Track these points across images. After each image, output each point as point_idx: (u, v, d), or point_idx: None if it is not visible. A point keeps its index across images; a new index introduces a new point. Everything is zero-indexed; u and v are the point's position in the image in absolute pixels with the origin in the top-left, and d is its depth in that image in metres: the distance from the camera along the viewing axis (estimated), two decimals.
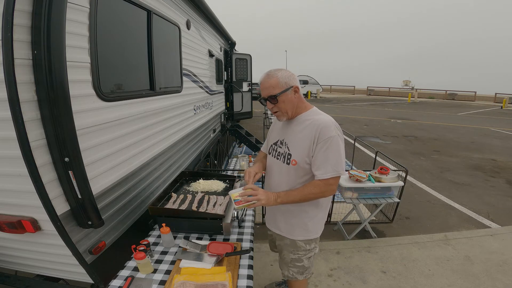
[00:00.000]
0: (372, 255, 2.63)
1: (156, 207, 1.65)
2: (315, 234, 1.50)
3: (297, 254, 1.53)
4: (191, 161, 3.14)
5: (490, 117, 13.66)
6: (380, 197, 2.84)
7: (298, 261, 1.55)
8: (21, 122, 1.03)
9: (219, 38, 5.09)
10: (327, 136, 1.27)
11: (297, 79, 1.35)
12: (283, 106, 1.33)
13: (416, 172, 5.21)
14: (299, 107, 1.38)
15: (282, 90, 1.29)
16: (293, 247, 1.52)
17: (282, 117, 1.38)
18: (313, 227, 1.48)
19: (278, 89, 1.30)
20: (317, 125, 1.30)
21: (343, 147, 1.30)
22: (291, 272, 1.58)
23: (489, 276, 2.34)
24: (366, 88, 31.01)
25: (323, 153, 1.28)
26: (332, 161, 1.27)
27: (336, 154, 1.28)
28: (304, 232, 1.48)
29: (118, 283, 1.25)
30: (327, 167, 1.28)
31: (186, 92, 2.96)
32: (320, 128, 1.28)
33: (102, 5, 1.43)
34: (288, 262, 1.57)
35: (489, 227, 3.29)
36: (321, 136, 1.27)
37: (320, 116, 1.35)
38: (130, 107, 1.74)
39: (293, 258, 1.54)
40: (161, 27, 2.24)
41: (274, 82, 1.29)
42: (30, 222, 1.24)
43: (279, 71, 1.31)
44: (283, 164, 1.42)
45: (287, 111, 1.35)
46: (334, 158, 1.27)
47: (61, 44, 1.10)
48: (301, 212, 1.44)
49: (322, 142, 1.27)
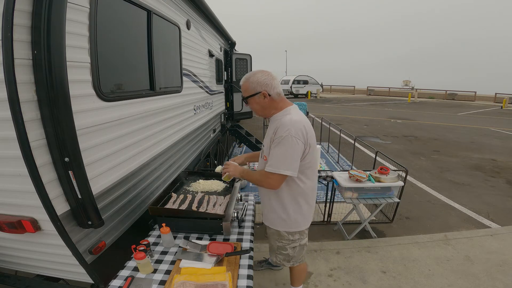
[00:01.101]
0: (372, 255, 2.63)
1: (156, 207, 1.65)
2: (296, 228, 1.62)
3: (281, 242, 1.67)
4: (191, 161, 3.14)
5: (490, 117, 13.66)
6: (380, 197, 2.84)
7: (283, 249, 1.69)
8: (21, 122, 1.03)
9: (219, 38, 5.09)
10: (278, 135, 1.38)
11: (272, 84, 1.44)
12: (253, 107, 1.51)
13: (416, 172, 5.21)
14: (272, 108, 1.49)
15: (250, 94, 1.45)
16: (278, 235, 1.67)
17: (258, 115, 1.58)
18: (293, 221, 1.60)
19: (247, 93, 1.47)
20: (276, 126, 1.42)
21: (293, 148, 1.37)
22: (278, 258, 1.74)
23: (489, 276, 2.34)
24: (366, 88, 31.00)
25: (272, 150, 1.42)
26: (275, 159, 1.39)
27: (280, 154, 1.38)
28: (283, 223, 1.61)
29: (118, 283, 1.25)
30: (271, 163, 1.41)
31: (186, 92, 2.96)
32: (277, 128, 1.40)
33: (102, 5, 1.43)
34: (275, 249, 1.73)
35: (489, 227, 3.29)
36: (276, 135, 1.40)
37: (285, 117, 1.44)
38: (130, 107, 1.74)
39: (279, 245, 1.69)
40: (161, 27, 2.24)
41: (245, 86, 1.46)
42: (30, 222, 1.24)
43: (254, 76, 1.44)
44: (261, 159, 1.64)
45: (257, 111, 1.53)
46: (278, 156, 1.39)
47: (61, 44, 1.10)
48: (280, 207, 1.58)
49: (275, 141, 1.40)
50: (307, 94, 23.96)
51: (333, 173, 2.99)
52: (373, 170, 2.99)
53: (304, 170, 1.48)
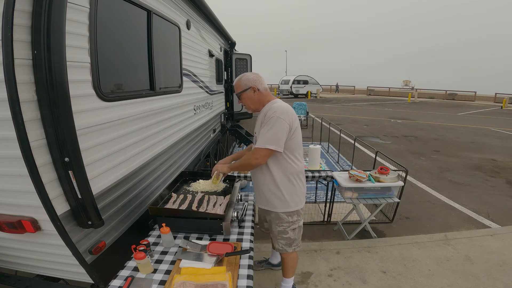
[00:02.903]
0: (372, 255, 2.63)
1: (156, 207, 1.65)
2: (295, 207, 1.74)
3: (281, 226, 1.77)
4: (191, 161, 3.14)
5: (490, 117, 13.66)
6: (380, 197, 2.84)
7: (284, 233, 1.78)
8: (21, 122, 1.03)
9: (219, 38, 5.09)
10: (269, 117, 1.55)
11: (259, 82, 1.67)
12: (245, 101, 1.71)
13: (416, 172, 5.21)
14: (261, 101, 1.69)
15: (242, 90, 1.67)
16: (278, 219, 1.76)
17: (248, 109, 1.74)
18: (291, 200, 1.72)
19: (239, 89, 1.68)
20: (265, 111, 1.63)
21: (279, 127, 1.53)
22: (280, 244, 1.82)
23: (489, 276, 2.34)
24: (366, 88, 31.00)
25: (261, 129, 1.59)
26: (262, 137, 1.55)
27: (267, 132, 1.54)
28: (282, 204, 1.72)
29: (118, 283, 1.25)
30: (259, 140, 1.57)
31: (186, 92, 2.96)
32: (265, 113, 1.61)
33: (102, 5, 1.43)
34: (276, 234, 1.80)
35: (489, 227, 3.29)
36: (266, 117, 1.58)
37: (273, 104, 1.64)
38: (130, 107, 1.74)
39: (279, 230, 1.78)
40: (161, 27, 2.24)
41: (237, 84, 1.69)
42: (30, 222, 1.24)
43: (244, 75, 1.68)
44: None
45: (249, 106, 1.71)
46: (265, 135, 1.54)
47: (61, 44, 1.10)
48: (277, 189, 1.70)
49: (265, 121, 1.57)
50: (307, 94, 23.97)
51: (333, 173, 2.98)
52: (373, 170, 2.99)
53: (293, 151, 1.66)
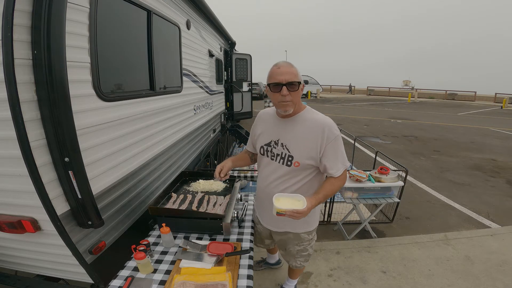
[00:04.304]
0: (372, 255, 2.63)
1: (156, 207, 1.65)
2: (314, 225, 1.62)
3: (302, 245, 1.65)
4: (191, 161, 3.13)
5: (490, 117, 13.65)
6: (380, 197, 2.84)
7: (303, 251, 1.68)
8: (21, 122, 1.03)
9: (219, 38, 5.08)
10: (334, 135, 1.33)
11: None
12: (296, 96, 1.31)
13: (416, 172, 5.21)
14: (299, 103, 1.38)
15: (299, 81, 1.29)
16: (297, 239, 1.62)
17: (290, 107, 1.32)
18: (312, 220, 1.59)
19: (297, 78, 1.28)
20: (322, 125, 1.33)
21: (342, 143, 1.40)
22: (298, 262, 1.73)
23: (489, 276, 2.34)
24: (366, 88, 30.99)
25: (333, 152, 1.34)
26: (341, 158, 1.37)
27: (342, 151, 1.38)
28: (305, 225, 1.57)
29: (118, 283, 1.25)
30: (338, 164, 1.36)
31: (186, 92, 2.96)
32: (327, 128, 1.32)
33: (102, 5, 1.43)
34: (295, 254, 1.69)
35: (489, 227, 3.29)
36: (329, 136, 1.32)
37: (319, 116, 1.38)
38: (130, 107, 1.74)
39: (299, 249, 1.67)
40: (161, 27, 2.24)
41: (295, 71, 1.29)
42: (30, 222, 1.24)
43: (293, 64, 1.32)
44: (281, 166, 1.42)
45: (293, 104, 1.32)
46: (342, 154, 1.37)
47: (61, 44, 1.10)
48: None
49: (332, 142, 1.32)
50: (307, 94, 23.96)
51: None
52: (373, 170, 2.99)
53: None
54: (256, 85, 18.98)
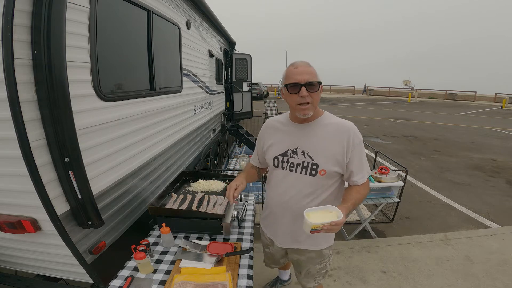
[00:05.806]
0: (372, 255, 2.63)
1: (156, 207, 1.65)
2: (333, 236, 1.48)
3: (323, 263, 1.49)
4: (191, 161, 3.13)
5: (490, 117, 13.65)
6: (380, 197, 2.84)
7: (323, 269, 1.52)
8: (21, 122, 1.03)
9: (219, 38, 5.08)
10: (359, 139, 1.25)
11: None
12: (317, 98, 1.19)
13: (416, 172, 5.21)
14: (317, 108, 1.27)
15: (320, 81, 1.17)
16: (320, 257, 1.46)
17: (309, 111, 1.19)
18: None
19: (317, 78, 1.17)
20: (347, 129, 1.24)
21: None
22: (317, 281, 1.55)
23: (489, 276, 2.34)
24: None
25: (359, 158, 1.25)
26: (365, 164, 1.28)
27: (365, 157, 1.29)
28: (328, 238, 1.44)
29: (118, 283, 1.25)
30: (363, 171, 1.27)
31: (186, 92, 2.96)
32: (352, 133, 1.23)
33: (102, 5, 1.43)
34: (315, 274, 1.52)
35: (489, 227, 3.29)
36: (355, 140, 1.22)
37: (340, 120, 1.29)
38: (130, 107, 1.74)
39: (319, 268, 1.50)
40: (161, 27, 2.24)
41: (314, 70, 1.19)
42: (30, 222, 1.24)
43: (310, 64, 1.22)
44: (304, 176, 1.27)
45: (313, 106, 1.20)
46: (366, 160, 1.29)
47: (61, 44, 1.10)
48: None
49: (357, 147, 1.23)
50: None
51: None
52: (373, 170, 2.99)
53: None
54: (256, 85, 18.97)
